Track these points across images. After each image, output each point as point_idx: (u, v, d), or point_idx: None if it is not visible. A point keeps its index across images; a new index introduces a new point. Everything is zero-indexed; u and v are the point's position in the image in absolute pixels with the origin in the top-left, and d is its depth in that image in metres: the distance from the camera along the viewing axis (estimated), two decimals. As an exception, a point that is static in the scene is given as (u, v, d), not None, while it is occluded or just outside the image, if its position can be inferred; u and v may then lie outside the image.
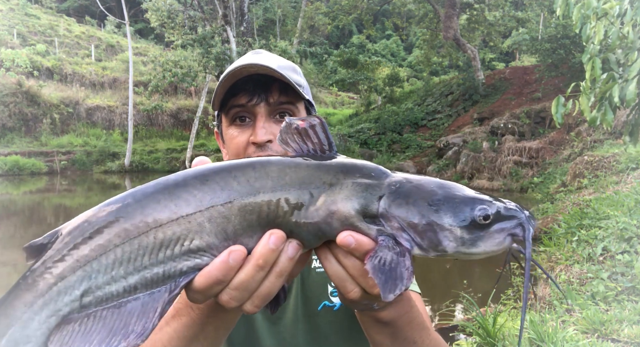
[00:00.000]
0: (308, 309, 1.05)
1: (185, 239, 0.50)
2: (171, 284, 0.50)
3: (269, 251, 0.52)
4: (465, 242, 0.53)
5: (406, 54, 45.00)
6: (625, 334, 3.07)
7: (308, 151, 0.56)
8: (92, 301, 0.48)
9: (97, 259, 0.49)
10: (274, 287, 0.54)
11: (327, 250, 0.57)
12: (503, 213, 0.53)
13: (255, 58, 1.00)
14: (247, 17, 20.25)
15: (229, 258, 0.51)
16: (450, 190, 0.55)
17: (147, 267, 0.50)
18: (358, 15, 26.31)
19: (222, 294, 0.53)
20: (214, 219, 0.51)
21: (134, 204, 0.51)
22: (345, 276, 0.57)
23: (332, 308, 1.06)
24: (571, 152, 13.62)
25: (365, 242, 0.53)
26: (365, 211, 0.53)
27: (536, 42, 19.67)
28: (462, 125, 19.73)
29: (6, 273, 7.08)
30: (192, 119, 23.16)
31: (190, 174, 0.53)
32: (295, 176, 0.53)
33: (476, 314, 3.63)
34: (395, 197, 0.54)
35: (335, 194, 0.53)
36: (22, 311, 0.48)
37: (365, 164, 0.57)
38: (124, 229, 0.49)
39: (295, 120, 0.56)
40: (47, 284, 0.49)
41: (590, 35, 3.35)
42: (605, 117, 3.30)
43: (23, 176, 19.15)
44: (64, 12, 36.90)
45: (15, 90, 21.16)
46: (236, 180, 0.52)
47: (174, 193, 0.51)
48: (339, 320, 1.05)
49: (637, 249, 4.45)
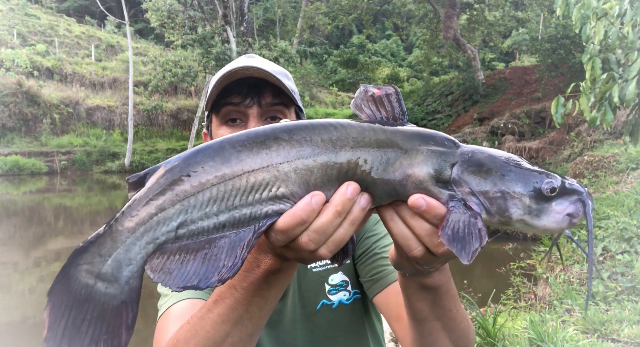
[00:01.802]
0: (306, 309, 1.06)
1: (272, 185, 0.55)
2: (255, 225, 0.55)
3: (347, 199, 0.56)
4: (531, 211, 0.56)
5: (406, 54, 44.99)
6: (625, 334, 3.08)
7: (381, 119, 0.59)
8: (186, 234, 0.53)
9: (194, 195, 0.53)
10: (347, 234, 0.58)
11: (392, 211, 0.60)
12: (567, 187, 0.56)
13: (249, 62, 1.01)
14: (247, 17, 20.25)
15: (311, 201, 0.55)
16: (520, 162, 0.58)
17: (237, 207, 0.54)
18: (358, 15, 26.30)
19: (302, 236, 0.57)
20: (299, 170, 0.55)
21: (231, 149, 0.55)
22: (410, 235, 0.60)
23: (331, 306, 1.07)
24: (571, 152, 13.62)
25: (435, 206, 0.57)
26: (439, 176, 0.57)
27: (536, 42, 19.67)
28: (462, 125, 19.73)
29: (6, 273, 7.08)
30: (192, 119, 23.16)
31: (279, 128, 0.56)
32: (375, 138, 0.57)
33: (476, 314, 3.63)
34: (468, 165, 0.57)
35: (411, 158, 0.57)
36: (125, 236, 0.53)
37: (440, 133, 0.60)
38: (220, 170, 0.54)
39: (371, 88, 0.59)
40: (148, 213, 0.53)
41: (590, 35, 3.35)
42: (605, 117, 3.30)
43: (23, 176, 19.15)
44: (64, 12, 36.90)
45: (15, 90, 21.15)
46: (320, 136, 0.56)
47: (265, 143, 0.55)
48: (338, 317, 1.06)
49: (637, 249, 4.45)
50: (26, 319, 5.27)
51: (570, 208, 0.56)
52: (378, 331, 1.15)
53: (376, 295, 1.03)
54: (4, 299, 5.97)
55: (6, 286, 6.49)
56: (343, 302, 1.08)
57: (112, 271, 0.54)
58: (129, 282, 0.54)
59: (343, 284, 1.09)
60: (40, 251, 8.44)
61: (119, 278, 0.54)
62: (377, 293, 1.03)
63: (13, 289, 6.39)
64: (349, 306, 1.08)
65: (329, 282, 1.08)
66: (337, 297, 1.07)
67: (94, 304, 0.54)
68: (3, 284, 6.56)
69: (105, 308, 0.55)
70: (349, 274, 1.10)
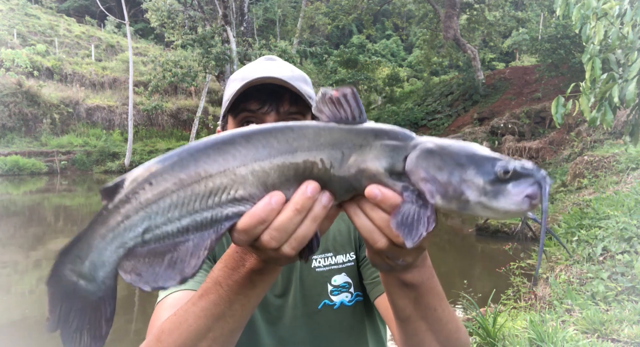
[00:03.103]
0: (308, 308, 1.07)
1: (230, 189, 0.58)
2: (217, 227, 0.58)
3: (306, 198, 0.58)
4: (487, 192, 0.57)
5: (406, 54, 44.97)
6: (625, 334, 3.08)
7: (340, 118, 0.61)
8: (152, 238, 0.58)
9: (156, 202, 0.57)
10: (309, 231, 0.60)
11: (355, 206, 0.62)
12: (521, 170, 0.57)
13: (269, 66, 1.02)
14: (247, 17, 20.24)
15: (271, 200, 0.58)
16: (473, 148, 0.60)
17: (197, 211, 0.57)
18: (358, 15, 26.30)
19: (263, 234, 0.59)
20: (256, 173, 0.58)
21: (189, 157, 0.58)
22: (373, 227, 0.61)
23: (332, 307, 1.07)
24: (571, 152, 13.62)
25: (390, 195, 0.59)
26: (392, 168, 0.59)
27: (536, 42, 19.65)
28: (462, 125, 19.73)
29: (6, 273, 7.08)
30: (192, 119, 23.16)
31: (237, 133, 0.60)
32: (330, 138, 0.60)
33: (476, 314, 3.63)
34: (419, 155, 0.59)
35: (365, 154, 0.59)
36: (98, 241, 0.59)
37: (393, 128, 0.62)
38: (179, 177, 0.57)
39: (329, 90, 0.62)
40: (115, 221, 0.58)
41: (590, 36, 3.35)
42: (605, 117, 3.30)
43: (23, 176, 19.15)
44: (64, 12, 36.89)
45: (15, 90, 21.15)
46: (276, 139, 0.59)
47: (222, 149, 0.58)
48: (339, 318, 1.07)
49: (637, 249, 4.45)
50: (26, 319, 5.26)
51: (528, 190, 0.57)
52: (381, 334, 1.16)
53: (377, 298, 1.05)
54: (4, 299, 5.97)
55: (6, 286, 6.49)
56: (345, 304, 1.08)
57: (89, 271, 0.59)
58: (105, 282, 0.60)
59: (346, 286, 1.09)
60: (40, 251, 8.44)
61: (96, 278, 0.60)
62: (377, 296, 1.04)
63: (13, 289, 6.39)
64: (350, 307, 1.09)
65: (331, 283, 1.09)
66: (339, 298, 1.08)
67: (78, 298, 0.61)
68: (3, 284, 6.56)
69: (86, 302, 0.61)
70: (352, 276, 1.11)
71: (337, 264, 1.10)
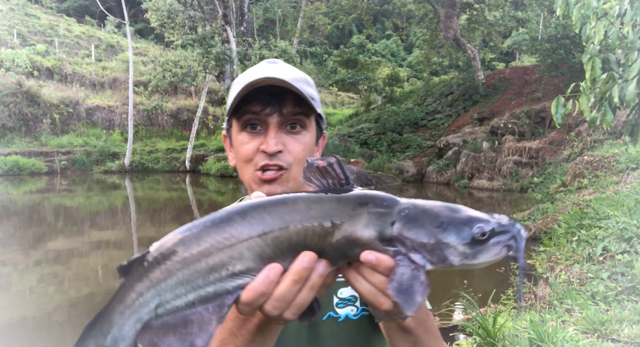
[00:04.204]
0: None
1: (229, 264, 0.62)
2: (221, 300, 0.63)
3: (303, 269, 0.62)
4: (468, 256, 0.62)
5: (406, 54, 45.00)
6: (625, 334, 3.08)
7: (328, 185, 0.66)
8: (164, 312, 0.63)
9: (165, 281, 0.63)
10: (308, 298, 0.64)
11: (354, 272, 0.66)
12: (497, 229, 0.63)
13: (272, 69, 1.01)
14: (247, 17, 20.24)
15: (269, 274, 0.62)
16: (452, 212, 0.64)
17: (201, 287, 0.63)
18: (358, 15, 26.29)
19: (266, 305, 0.64)
20: (252, 248, 0.62)
21: (191, 236, 0.63)
22: (375, 291, 0.65)
23: (337, 319, 1.07)
24: (571, 152, 13.62)
25: (384, 259, 0.62)
26: (381, 235, 0.63)
27: (536, 42, 19.67)
28: (462, 125, 19.73)
29: (6, 273, 7.08)
30: (192, 119, 23.15)
31: (234, 211, 0.64)
32: (320, 210, 0.64)
33: (476, 314, 3.63)
34: (406, 222, 0.63)
35: (354, 223, 0.63)
36: (117, 318, 0.64)
37: (378, 194, 0.66)
38: (183, 257, 0.63)
39: (316, 161, 0.66)
40: (131, 298, 0.64)
41: (590, 35, 3.35)
42: (605, 117, 3.30)
43: (23, 176, 19.15)
44: (64, 12, 36.90)
45: (15, 90, 21.15)
46: (270, 215, 0.63)
47: (220, 227, 0.63)
48: (343, 332, 1.07)
49: (637, 249, 4.45)
50: (26, 319, 5.26)
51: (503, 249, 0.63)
52: None
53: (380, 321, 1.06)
54: (4, 299, 5.97)
55: (6, 286, 6.49)
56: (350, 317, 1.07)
57: (111, 345, 0.64)
58: None
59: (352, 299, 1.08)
60: (40, 251, 8.44)
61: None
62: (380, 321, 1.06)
63: (13, 289, 6.39)
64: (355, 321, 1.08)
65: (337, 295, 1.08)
66: (344, 311, 1.07)
67: None
68: (3, 284, 6.56)
69: None
70: None
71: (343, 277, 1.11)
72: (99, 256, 8.34)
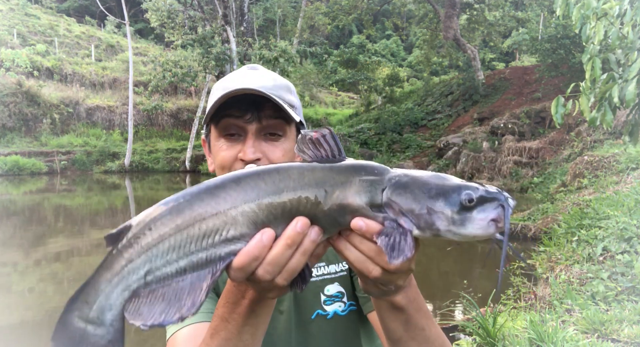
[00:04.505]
0: (301, 318, 1.07)
1: (223, 230, 0.62)
2: (213, 267, 0.62)
3: (296, 233, 0.62)
4: (455, 221, 0.62)
5: (406, 54, 44.99)
6: (625, 334, 3.08)
7: (321, 157, 0.67)
8: (153, 280, 0.62)
9: (156, 246, 0.62)
10: (300, 264, 0.64)
11: (344, 241, 0.67)
12: (485, 196, 0.63)
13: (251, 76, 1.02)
14: (247, 17, 20.25)
15: (262, 237, 0.62)
16: (441, 179, 0.66)
17: (193, 252, 0.62)
18: (358, 15, 26.29)
19: (258, 269, 0.63)
20: (246, 213, 0.62)
21: (184, 202, 0.63)
22: (364, 258, 0.66)
23: (325, 317, 1.08)
24: (571, 152, 13.62)
25: (373, 225, 0.63)
26: (372, 202, 0.64)
27: (536, 42, 19.65)
28: (462, 125, 19.73)
29: (6, 273, 7.08)
30: (192, 119, 23.15)
31: (228, 178, 0.65)
32: (313, 177, 0.65)
33: (476, 314, 3.64)
34: (395, 188, 0.64)
35: (346, 190, 0.64)
36: (104, 285, 0.63)
37: (370, 163, 0.67)
38: (175, 222, 0.62)
39: (309, 132, 0.67)
40: (120, 265, 0.62)
41: (590, 36, 3.35)
42: (605, 117, 3.30)
43: (23, 176, 19.15)
44: (64, 12, 36.89)
45: (15, 90, 21.15)
46: (264, 181, 0.64)
47: (214, 193, 0.63)
48: (331, 329, 1.08)
49: (637, 249, 4.46)
50: (26, 319, 5.27)
51: (492, 214, 0.62)
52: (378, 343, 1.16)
53: (369, 313, 1.07)
54: (4, 299, 5.97)
55: (6, 286, 6.49)
56: (338, 313, 1.09)
57: (97, 315, 0.63)
58: (113, 324, 0.63)
59: (339, 296, 1.10)
60: (40, 251, 8.44)
61: (104, 321, 0.63)
62: (370, 311, 1.06)
63: (13, 289, 6.39)
64: (344, 317, 1.09)
65: (324, 292, 1.09)
66: (332, 308, 1.08)
67: (87, 344, 0.64)
68: (3, 284, 6.56)
69: None
70: (346, 286, 1.11)
71: (329, 274, 1.11)
72: (99, 256, 8.33)
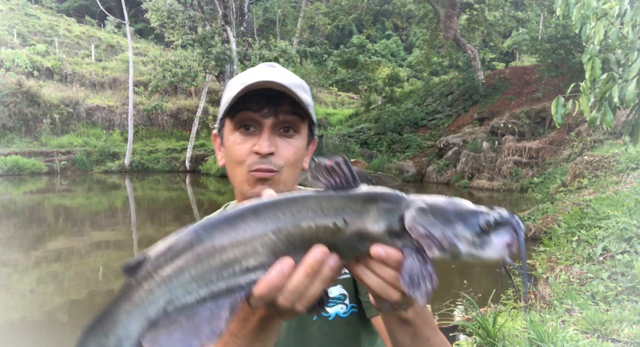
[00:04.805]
0: (302, 320, 1.07)
1: (243, 260, 0.64)
2: (233, 296, 0.64)
3: (316, 262, 0.64)
4: (475, 244, 0.65)
5: (406, 54, 45.00)
6: (625, 334, 3.08)
7: (335, 184, 0.68)
8: (173, 309, 0.63)
9: (176, 276, 0.63)
10: (319, 291, 0.66)
11: (363, 267, 0.68)
12: (500, 220, 0.66)
13: (271, 72, 1.02)
14: (247, 17, 20.26)
15: (282, 267, 0.63)
16: (457, 205, 0.68)
17: (213, 282, 0.63)
18: (358, 15, 26.30)
19: (279, 298, 0.65)
20: (266, 244, 0.64)
21: (204, 233, 0.64)
22: (384, 284, 0.67)
23: (327, 318, 1.08)
24: (571, 152, 13.63)
25: (393, 252, 0.64)
26: (390, 229, 0.66)
27: (536, 42, 19.66)
28: (462, 125, 19.73)
29: (6, 273, 7.08)
30: (192, 119, 23.15)
31: (247, 208, 0.66)
32: (331, 206, 0.66)
33: (476, 314, 3.64)
34: (416, 213, 0.66)
35: (364, 218, 0.66)
36: (123, 317, 0.64)
37: (386, 191, 0.69)
38: (196, 252, 0.63)
39: (323, 160, 0.69)
40: (139, 296, 0.64)
41: (590, 36, 3.35)
42: (605, 117, 3.30)
43: (23, 176, 19.15)
44: (64, 12, 36.90)
45: (15, 90, 21.15)
46: (282, 212, 0.65)
47: (233, 223, 0.65)
48: (333, 330, 1.08)
49: (637, 249, 4.46)
50: (26, 319, 5.27)
51: (506, 238, 0.65)
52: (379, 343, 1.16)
53: (373, 317, 1.07)
54: (4, 299, 5.97)
55: (6, 286, 6.49)
56: (340, 315, 1.09)
57: (115, 345, 0.64)
58: None
59: (341, 298, 1.10)
60: (40, 251, 8.44)
61: None
62: (373, 316, 1.07)
63: (13, 289, 6.39)
64: (345, 319, 1.09)
65: None
66: (334, 310, 1.08)
67: None
68: (3, 284, 6.56)
69: None
70: (348, 288, 1.11)
71: None
72: (99, 256, 8.34)
